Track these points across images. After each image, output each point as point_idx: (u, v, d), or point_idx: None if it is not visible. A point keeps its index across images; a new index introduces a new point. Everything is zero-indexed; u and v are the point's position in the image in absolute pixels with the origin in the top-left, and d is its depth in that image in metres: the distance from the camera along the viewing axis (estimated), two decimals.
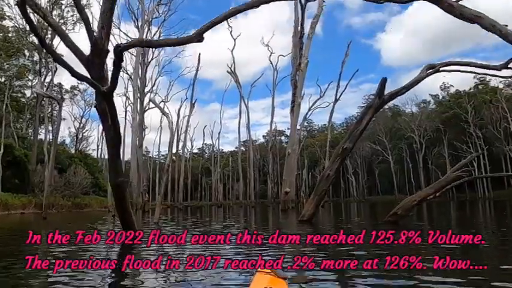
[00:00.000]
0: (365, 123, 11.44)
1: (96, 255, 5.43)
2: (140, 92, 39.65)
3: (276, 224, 12.95)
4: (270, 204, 47.82)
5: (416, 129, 66.27)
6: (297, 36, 29.84)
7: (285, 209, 25.24)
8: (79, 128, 57.64)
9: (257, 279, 2.28)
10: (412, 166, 66.78)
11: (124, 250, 6.31)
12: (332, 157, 12.30)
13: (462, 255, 4.94)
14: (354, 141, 11.68)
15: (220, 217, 19.51)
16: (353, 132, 11.65)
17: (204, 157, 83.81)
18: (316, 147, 73.36)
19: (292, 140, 27.37)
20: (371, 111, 11.30)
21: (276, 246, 6.15)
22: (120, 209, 7.67)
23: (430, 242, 6.13)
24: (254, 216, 20.59)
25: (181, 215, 23.88)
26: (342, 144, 11.83)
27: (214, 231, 9.32)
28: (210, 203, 62.44)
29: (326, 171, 12.19)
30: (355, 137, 11.60)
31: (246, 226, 11.87)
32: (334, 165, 11.95)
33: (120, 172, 7.26)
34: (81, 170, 43.29)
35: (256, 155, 64.22)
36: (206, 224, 13.01)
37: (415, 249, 5.48)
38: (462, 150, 59.80)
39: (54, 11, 42.90)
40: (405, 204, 10.78)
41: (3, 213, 31.50)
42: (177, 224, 13.79)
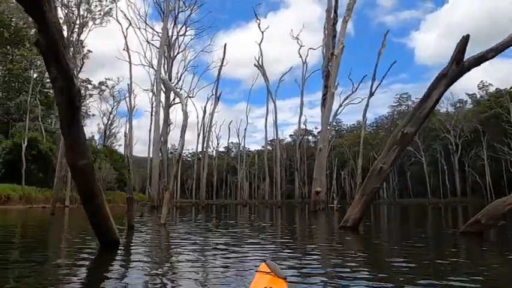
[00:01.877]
0: (434, 100, 8.32)
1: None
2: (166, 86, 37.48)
3: (312, 232, 10.03)
4: (297, 205, 44.66)
5: (452, 130, 61.27)
6: (330, 23, 26.70)
7: (315, 210, 22.19)
8: (107, 124, 56.51)
9: (257, 279, 2.21)
10: (447, 168, 61.71)
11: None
12: (386, 147, 9.23)
13: None
14: (417, 125, 8.59)
15: (244, 217, 16.73)
16: (416, 113, 8.55)
17: (231, 155, 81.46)
18: (345, 147, 69.50)
19: (323, 135, 24.22)
20: (444, 83, 8.17)
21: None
22: (88, 207, 4.99)
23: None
24: (281, 217, 17.67)
25: (203, 213, 21.27)
26: (401, 129, 8.75)
27: (233, 245, 6.55)
28: (235, 201, 59.88)
29: (377, 164, 9.14)
30: (419, 118, 8.50)
31: (276, 235, 9.07)
32: (389, 156, 8.89)
33: (82, 150, 4.60)
34: (106, 165, 41.73)
35: (283, 154, 61.21)
36: (224, 228, 10.24)
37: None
38: (503, 153, 54.62)
39: (82, 5, 41.56)
40: (493, 209, 7.61)
41: (25, 207, 30.14)
42: (189, 226, 11.09)
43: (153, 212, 23.76)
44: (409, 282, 3.37)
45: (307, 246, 6.39)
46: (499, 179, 56.50)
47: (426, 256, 5.34)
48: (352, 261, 4.69)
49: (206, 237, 7.60)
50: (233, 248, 5.70)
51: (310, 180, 49.77)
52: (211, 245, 6.14)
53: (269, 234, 8.63)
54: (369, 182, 9.25)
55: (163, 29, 32.28)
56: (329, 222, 13.98)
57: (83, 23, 42.16)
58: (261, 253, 5.17)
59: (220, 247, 5.85)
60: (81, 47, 44.63)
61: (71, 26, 41.91)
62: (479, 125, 58.80)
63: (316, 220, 15.33)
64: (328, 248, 6.27)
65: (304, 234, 9.12)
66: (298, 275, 3.66)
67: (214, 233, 8.66)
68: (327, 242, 7.21)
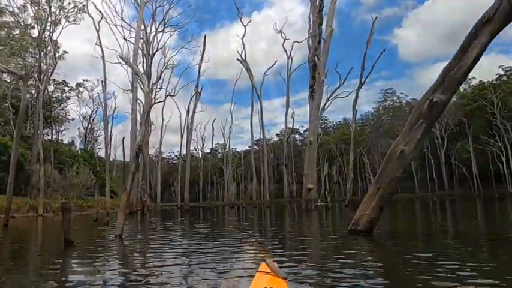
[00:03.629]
0: (474, 56, 5.98)
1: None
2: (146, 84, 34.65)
3: (315, 242, 7.62)
4: (286, 204, 42.25)
5: (437, 123, 59.91)
6: (316, 11, 24.44)
7: (308, 209, 19.81)
8: (87, 127, 53.09)
9: (257, 279, 2.19)
10: (434, 162, 60.33)
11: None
12: (407, 123, 6.87)
13: None
14: (451, 90, 6.24)
15: (231, 221, 14.23)
16: (449, 75, 6.20)
17: (217, 156, 78.55)
18: (332, 144, 67.58)
19: (313, 127, 21.81)
20: (488, 31, 5.84)
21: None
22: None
23: None
24: (272, 220, 15.21)
25: (186, 217, 18.64)
26: (429, 97, 6.39)
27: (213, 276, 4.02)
28: (223, 203, 57.17)
29: (396, 146, 6.77)
30: (453, 81, 6.15)
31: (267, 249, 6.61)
32: (412, 134, 6.53)
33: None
34: (85, 170, 38.61)
35: (270, 153, 58.82)
36: (203, 238, 7.73)
37: None
38: (488, 144, 53.57)
39: (54, 2, 38.39)
40: None
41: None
42: (154, 237, 8.54)
43: (131, 218, 21.18)
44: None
45: (323, 279, 3.94)
46: (485, 171, 55.47)
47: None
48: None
49: (164, 261, 5.10)
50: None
51: (298, 178, 47.50)
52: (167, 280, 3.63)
53: (248, 261, 6.15)
54: (385, 171, 6.86)
55: (139, 21, 29.53)
56: (329, 225, 11.60)
57: (55, 21, 39.06)
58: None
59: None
60: (55, 46, 41.47)
61: (42, 24, 38.77)
62: (464, 118, 57.69)
63: (312, 222, 12.93)
64: (350, 276, 3.81)
65: (309, 248, 6.72)
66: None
67: (185, 248, 6.15)
68: (341, 262, 4.77)
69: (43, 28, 38.75)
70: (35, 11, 37.91)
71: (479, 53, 5.93)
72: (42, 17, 38.04)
